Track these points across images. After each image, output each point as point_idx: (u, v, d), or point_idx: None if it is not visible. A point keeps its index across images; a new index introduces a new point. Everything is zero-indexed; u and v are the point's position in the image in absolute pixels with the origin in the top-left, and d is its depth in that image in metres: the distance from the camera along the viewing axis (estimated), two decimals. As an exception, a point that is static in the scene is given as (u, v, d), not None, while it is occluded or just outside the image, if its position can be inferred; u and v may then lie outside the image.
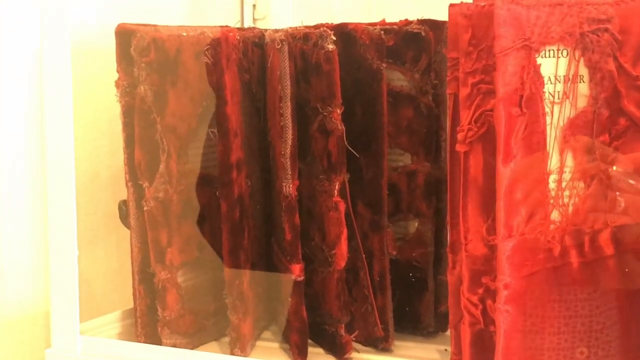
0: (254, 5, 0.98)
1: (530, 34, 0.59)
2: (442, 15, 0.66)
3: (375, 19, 0.79)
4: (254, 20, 0.99)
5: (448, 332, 0.69)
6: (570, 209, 0.61)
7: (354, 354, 0.75)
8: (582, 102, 0.60)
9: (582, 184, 0.61)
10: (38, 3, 0.75)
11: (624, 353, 0.62)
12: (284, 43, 0.71)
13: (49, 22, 0.73)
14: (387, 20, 0.79)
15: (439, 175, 0.76)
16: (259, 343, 0.78)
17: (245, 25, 0.98)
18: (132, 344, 0.76)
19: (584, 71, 0.60)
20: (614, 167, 0.60)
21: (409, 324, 0.78)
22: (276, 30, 0.75)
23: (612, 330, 0.62)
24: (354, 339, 0.75)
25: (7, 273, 0.78)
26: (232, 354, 0.74)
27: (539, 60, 0.59)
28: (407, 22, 0.77)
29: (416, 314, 0.78)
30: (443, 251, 0.76)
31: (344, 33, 0.73)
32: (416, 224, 0.78)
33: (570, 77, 0.60)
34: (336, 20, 0.78)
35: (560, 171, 0.60)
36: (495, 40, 0.58)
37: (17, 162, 0.79)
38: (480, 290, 0.62)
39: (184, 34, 0.75)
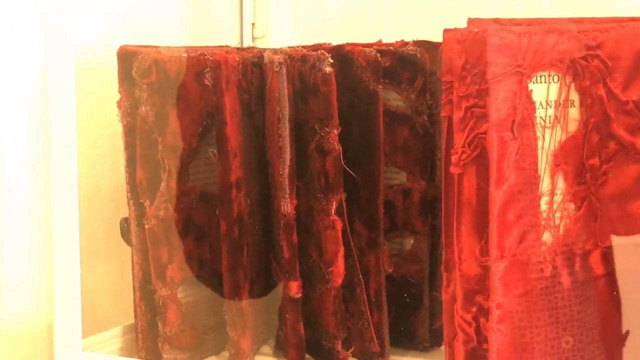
0: (253, 24, 0.99)
1: (522, 61, 0.60)
2: (439, 29, 0.66)
3: (372, 36, 0.80)
4: (253, 38, 1.00)
5: (443, 347, 0.70)
6: (562, 230, 0.62)
7: (350, 369, 0.76)
8: (572, 127, 0.62)
9: (572, 206, 0.62)
10: (43, 22, 0.77)
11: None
12: (282, 65, 0.73)
13: (53, 42, 0.75)
14: (384, 37, 0.80)
15: (435, 193, 0.77)
16: (257, 358, 0.80)
17: (245, 44, 0.99)
18: (133, 360, 0.77)
19: (574, 96, 0.61)
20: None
21: (404, 339, 0.80)
22: (275, 51, 0.76)
23: (605, 350, 0.63)
24: (350, 354, 0.76)
25: (10, 286, 0.80)
26: (231, 368, 0.76)
27: (531, 86, 0.60)
28: (404, 44, 0.78)
29: (412, 330, 0.80)
30: (438, 268, 0.77)
31: (341, 55, 0.75)
32: (412, 241, 0.79)
33: (561, 102, 0.61)
34: (334, 37, 0.79)
35: (552, 193, 0.62)
36: (487, 67, 0.60)
37: (21, 176, 0.80)
38: (474, 309, 0.64)
39: (185, 54, 0.76)
